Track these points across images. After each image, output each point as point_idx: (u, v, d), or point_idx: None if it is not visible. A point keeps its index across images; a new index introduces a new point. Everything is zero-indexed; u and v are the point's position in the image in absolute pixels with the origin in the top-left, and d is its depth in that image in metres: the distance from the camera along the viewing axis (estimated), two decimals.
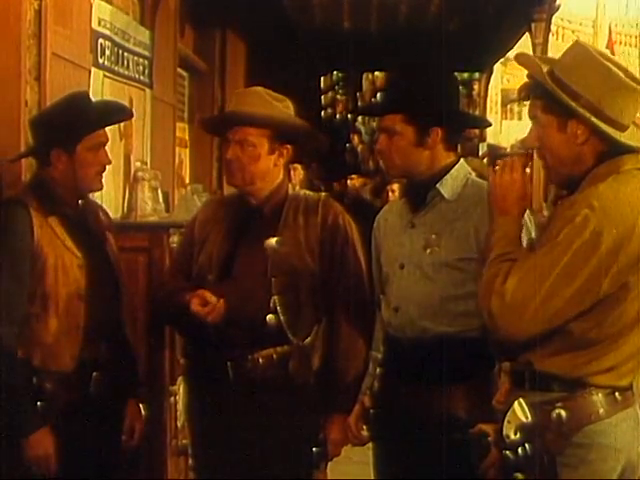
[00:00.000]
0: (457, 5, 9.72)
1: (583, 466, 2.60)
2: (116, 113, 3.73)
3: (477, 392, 3.11)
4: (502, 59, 15.76)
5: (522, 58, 2.87)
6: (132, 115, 3.99)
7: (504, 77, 20.98)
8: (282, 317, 3.35)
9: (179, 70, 7.06)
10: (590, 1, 20.79)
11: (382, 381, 3.29)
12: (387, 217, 3.38)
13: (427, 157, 3.19)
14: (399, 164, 3.22)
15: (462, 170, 3.23)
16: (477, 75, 15.42)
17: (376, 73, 16.92)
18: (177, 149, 6.97)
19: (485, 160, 13.10)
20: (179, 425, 4.39)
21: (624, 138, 2.65)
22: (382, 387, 3.28)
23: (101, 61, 4.91)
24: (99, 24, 4.88)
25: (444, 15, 9.64)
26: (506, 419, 2.64)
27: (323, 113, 15.66)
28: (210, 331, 3.33)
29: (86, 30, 4.69)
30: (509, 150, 15.81)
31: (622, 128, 2.66)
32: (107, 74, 5.00)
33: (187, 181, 7.37)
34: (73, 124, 3.36)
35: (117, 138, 5.09)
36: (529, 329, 2.56)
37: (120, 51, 5.24)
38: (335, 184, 11.39)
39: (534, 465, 2.61)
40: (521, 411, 2.62)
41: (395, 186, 8.46)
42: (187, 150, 7.55)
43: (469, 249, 3.10)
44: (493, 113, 19.42)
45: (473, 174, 3.29)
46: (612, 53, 12.23)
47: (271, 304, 3.35)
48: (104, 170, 3.46)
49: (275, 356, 3.38)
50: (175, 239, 4.28)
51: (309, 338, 3.41)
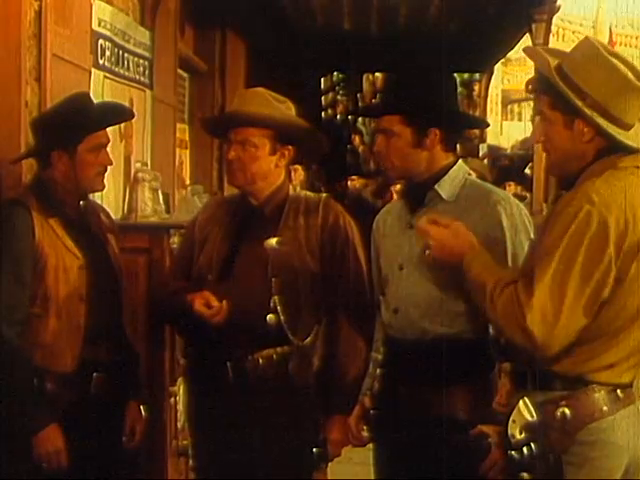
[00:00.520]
0: (457, 6, 9.71)
1: (588, 464, 2.60)
2: (117, 114, 3.73)
3: (477, 393, 3.11)
4: (502, 60, 15.78)
5: (531, 51, 2.86)
6: (133, 116, 3.98)
7: (504, 78, 21.00)
8: (282, 317, 3.35)
9: (179, 71, 7.05)
10: (590, 2, 20.78)
11: (382, 382, 3.28)
12: (386, 218, 3.38)
13: (425, 158, 3.19)
14: (397, 165, 3.22)
15: (461, 171, 3.23)
16: (477, 76, 15.44)
17: (376, 74, 16.93)
18: (177, 150, 6.97)
19: (485, 161, 13.12)
20: (179, 426, 4.39)
21: (627, 137, 2.66)
22: (382, 388, 3.28)
23: (101, 62, 4.91)
24: (99, 25, 4.87)
25: (444, 16, 9.63)
26: (511, 418, 2.64)
27: (323, 114, 15.66)
28: (210, 331, 3.33)
29: (86, 31, 4.69)
30: (509, 151, 15.86)
31: (626, 127, 2.67)
32: (107, 75, 5.00)
33: (187, 182, 7.36)
34: (74, 125, 3.36)
35: (117, 139, 5.09)
36: (563, 336, 2.55)
37: (120, 52, 5.24)
38: (336, 185, 11.38)
39: (540, 464, 2.62)
40: (527, 410, 2.62)
41: (399, 187, 8.45)
42: (187, 151, 7.54)
43: None
44: (493, 114, 19.42)
45: (473, 175, 3.29)
46: None
47: (271, 304, 3.36)
48: (105, 171, 3.47)
49: (275, 356, 3.38)
50: (175, 240, 4.28)
51: (309, 338, 3.41)
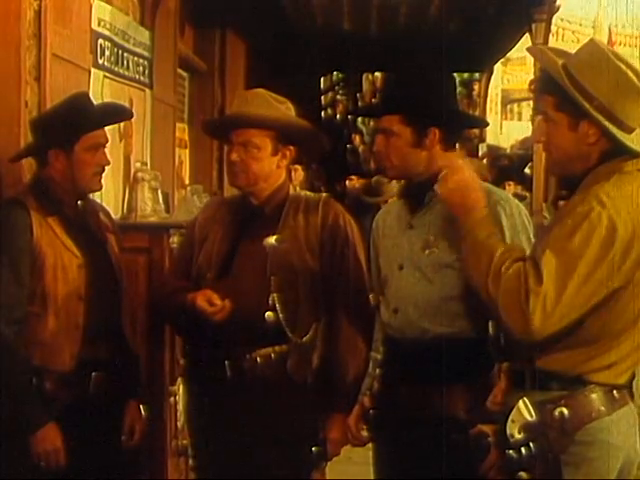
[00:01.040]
0: (457, 5, 9.71)
1: (585, 464, 2.61)
2: (114, 114, 3.73)
3: (476, 393, 3.10)
4: (502, 59, 15.77)
5: (536, 51, 2.85)
6: (132, 115, 3.98)
7: (504, 77, 20.98)
8: (281, 315, 3.35)
9: (179, 70, 7.05)
10: (590, 1, 20.77)
11: (382, 382, 3.28)
12: (385, 218, 3.38)
13: (425, 158, 3.19)
14: (397, 165, 3.22)
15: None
16: (477, 75, 15.44)
17: (376, 74, 16.92)
18: (177, 150, 6.97)
19: (485, 161, 13.12)
20: (179, 425, 4.39)
21: (630, 140, 2.67)
22: (382, 388, 3.28)
23: (101, 62, 4.91)
24: (99, 24, 4.87)
25: (444, 16, 9.63)
26: (510, 418, 2.64)
27: (323, 114, 15.66)
28: (208, 330, 3.33)
29: (86, 30, 4.69)
30: (509, 150, 15.86)
31: (629, 130, 2.68)
32: (107, 75, 5.00)
33: (187, 182, 7.36)
34: (70, 124, 3.37)
35: (117, 139, 5.09)
36: (553, 328, 2.55)
37: (120, 52, 5.24)
38: (336, 185, 11.38)
39: (538, 464, 2.62)
40: (526, 410, 2.62)
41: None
42: (187, 151, 7.54)
43: None
44: (493, 113, 19.41)
45: None
46: None
47: (270, 302, 3.36)
48: (103, 171, 3.46)
49: (273, 355, 3.38)
50: (175, 240, 4.28)
51: (308, 336, 3.41)
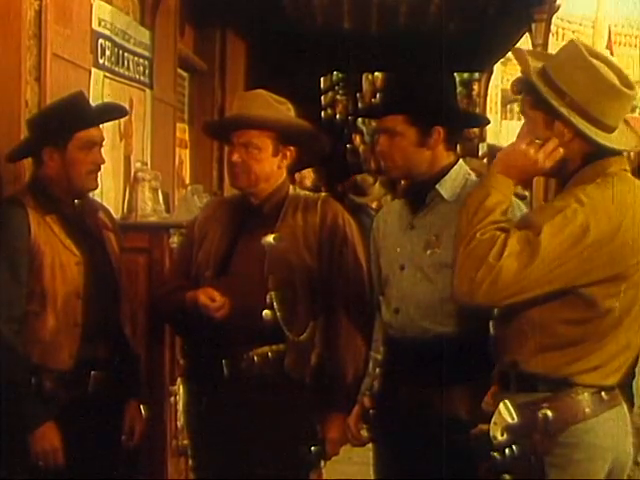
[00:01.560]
0: (457, 5, 9.71)
1: (571, 466, 2.60)
2: (108, 112, 3.73)
3: (477, 392, 3.10)
4: (502, 59, 15.76)
5: (516, 52, 2.88)
6: (126, 113, 3.97)
7: (504, 77, 20.97)
8: (278, 313, 3.36)
9: (179, 70, 7.05)
10: (590, 1, 20.78)
11: (382, 382, 3.28)
12: (386, 218, 3.38)
13: (428, 157, 3.19)
14: (401, 165, 3.22)
15: (461, 171, 3.23)
16: (477, 75, 15.41)
17: (376, 74, 16.90)
18: (177, 150, 6.96)
19: (485, 160, 13.11)
20: (179, 425, 4.39)
21: (609, 140, 2.65)
22: (382, 388, 3.28)
23: (101, 61, 4.91)
24: (99, 24, 4.87)
25: (444, 15, 9.63)
26: (492, 420, 2.64)
27: (323, 113, 15.65)
28: (207, 329, 3.33)
29: (86, 30, 4.69)
30: None
31: (608, 129, 2.66)
32: (107, 74, 5.00)
33: (187, 182, 7.35)
34: (63, 122, 3.37)
35: (117, 139, 5.09)
36: (499, 302, 2.57)
37: (120, 51, 5.24)
38: (336, 185, 11.37)
39: (522, 466, 2.61)
40: (507, 412, 2.61)
41: (377, 185, 8.44)
42: (187, 151, 7.53)
43: None
44: (493, 113, 19.42)
45: (472, 175, 3.29)
46: (612, 54, 12.21)
47: (267, 300, 3.36)
48: (98, 169, 3.45)
49: (270, 354, 3.38)
50: (175, 239, 4.28)
51: (305, 334, 3.41)
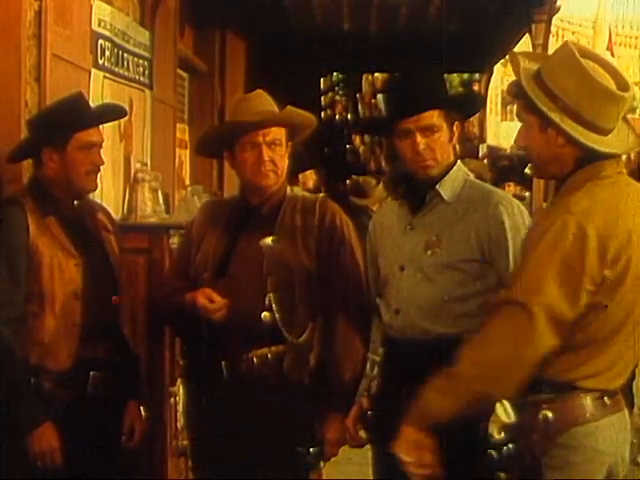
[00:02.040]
0: (457, 6, 9.71)
1: (568, 467, 2.60)
2: (107, 113, 3.72)
3: None
4: (502, 60, 15.76)
5: (511, 55, 2.88)
6: (125, 114, 3.97)
7: (504, 78, 20.96)
8: (277, 315, 3.35)
9: (179, 71, 7.05)
10: (590, 2, 20.78)
11: (382, 383, 3.27)
12: (382, 220, 3.37)
13: (452, 153, 3.20)
14: (441, 161, 3.18)
15: (460, 171, 3.23)
16: (477, 76, 15.42)
17: (376, 74, 16.91)
18: (177, 150, 6.96)
19: (485, 161, 13.12)
20: (179, 426, 4.39)
21: (603, 143, 2.61)
22: (382, 389, 3.26)
23: (101, 62, 4.91)
24: (99, 25, 4.87)
25: (444, 16, 9.63)
26: (491, 419, 2.63)
27: (323, 114, 15.66)
28: (206, 330, 3.34)
29: (86, 31, 4.69)
30: (509, 151, 15.85)
31: (603, 132, 2.63)
32: (107, 75, 5.00)
33: (187, 182, 7.35)
34: (62, 122, 3.36)
35: (117, 139, 5.09)
36: None
37: (120, 52, 5.24)
38: (336, 185, 11.38)
39: (517, 465, 2.61)
40: (503, 412, 2.60)
41: (380, 186, 8.44)
42: (187, 151, 7.53)
43: (471, 250, 3.10)
44: (493, 114, 19.43)
45: (471, 175, 3.29)
46: (612, 54, 12.19)
47: (266, 302, 3.36)
48: (97, 170, 3.44)
49: (270, 355, 3.37)
50: (175, 240, 4.28)
51: (304, 336, 3.40)
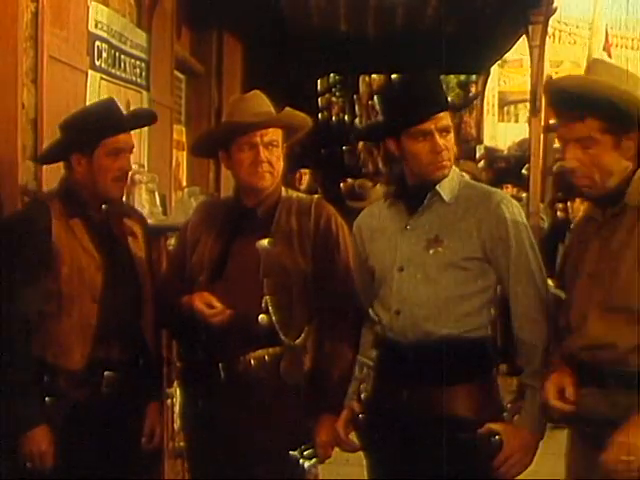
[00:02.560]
0: (454, 7, 9.72)
1: None
2: (137, 119, 3.77)
3: (481, 392, 3.11)
4: (499, 61, 15.76)
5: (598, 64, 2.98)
6: (155, 120, 3.97)
7: (501, 79, 21.01)
8: (274, 317, 3.34)
9: (176, 72, 7.05)
10: (587, 3, 20.79)
11: (378, 386, 3.25)
12: (370, 221, 3.35)
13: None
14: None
15: (456, 172, 3.24)
16: (474, 77, 15.43)
17: (373, 76, 16.91)
18: (174, 152, 6.96)
19: (482, 162, 13.13)
20: (176, 427, 4.39)
21: None
22: (378, 392, 3.24)
23: (98, 63, 4.91)
24: (96, 26, 4.87)
25: (443, 17, 9.63)
26: None
27: (320, 116, 15.66)
28: (202, 333, 3.33)
29: (83, 32, 4.68)
30: (506, 152, 15.86)
31: None
32: (104, 77, 5.00)
33: (184, 184, 7.35)
34: (90, 128, 3.40)
35: None
36: None
37: (117, 53, 5.24)
38: (332, 187, 11.39)
39: None
40: None
41: (377, 187, 8.44)
42: (184, 153, 7.52)
43: (473, 249, 3.11)
44: (490, 115, 19.45)
45: (465, 176, 3.30)
46: (609, 55, 12.22)
47: (263, 304, 3.35)
48: (125, 176, 3.47)
49: (267, 357, 3.37)
50: (172, 242, 4.28)
51: (300, 338, 3.40)
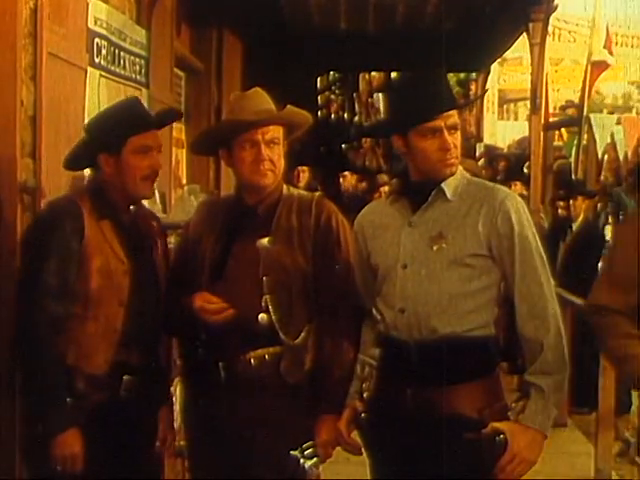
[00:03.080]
0: (454, 5, 9.72)
1: None
2: (164, 116, 3.69)
3: (486, 391, 3.09)
4: (499, 59, 15.76)
5: None
6: (180, 117, 3.89)
7: (500, 77, 21.00)
8: (274, 316, 3.32)
9: (176, 70, 7.04)
10: (587, 1, 20.76)
11: (381, 384, 3.23)
12: (372, 219, 3.33)
13: None
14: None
15: (460, 170, 3.23)
16: (474, 75, 15.44)
17: (373, 73, 16.92)
18: (174, 149, 6.95)
19: (482, 160, 13.12)
20: (176, 426, 4.37)
21: None
22: (384, 391, 3.21)
23: (97, 60, 4.89)
24: (95, 23, 4.86)
25: (444, 15, 9.63)
26: None
27: (319, 113, 15.66)
28: (202, 332, 3.32)
29: (82, 29, 4.67)
30: (506, 150, 15.86)
31: None
32: (103, 74, 4.98)
33: (184, 182, 7.35)
34: (117, 127, 3.35)
35: None
36: None
37: (116, 51, 5.22)
38: (332, 183, 11.40)
39: None
40: None
41: (387, 187, 8.45)
42: (184, 150, 7.52)
43: (479, 245, 3.10)
44: (490, 113, 19.44)
45: (467, 174, 3.28)
46: (610, 53, 12.18)
47: (263, 304, 3.34)
48: (154, 175, 3.39)
49: (267, 357, 3.35)
50: (172, 240, 4.26)
51: (301, 337, 3.38)
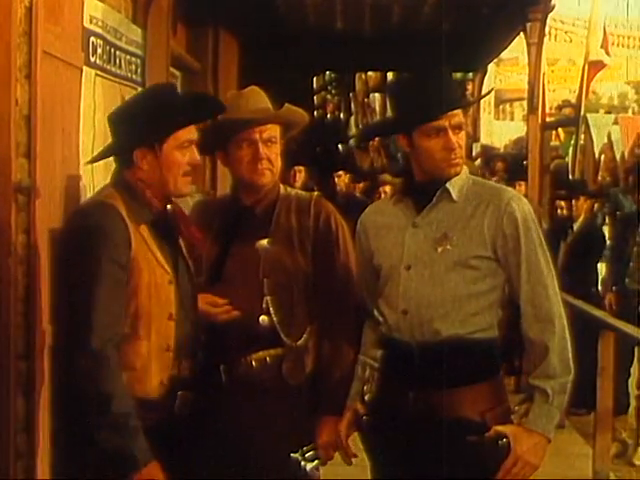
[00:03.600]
0: (451, 5, 9.71)
1: None
2: (207, 107, 3.33)
3: (489, 394, 3.08)
4: (496, 59, 15.77)
5: None
6: (224, 109, 3.53)
7: (497, 77, 21.02)
8: (275, 318, 3.32)
9: (172, 69, 7.02)
10: (584, 1, 20.79)
11: (385, 387, 3.21)
12: (375, 219, 3.32)
13: None
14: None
15: (465, 170, 3.21)
16: (471, 75, 15.43)
17: (369, 73, 16.91)
18: None
19: (479, 160, 13.12)
20: None
21: None
22: (386, 393, 3.20)
23: (93, 60, 4.86)
24: (91, 22, 4.82)
25: (442, 15, 9.62)
26: None
27: (315, 113, 15.67)
28: (204, 334, 3.29)
29: (77, 28, 4.64)
30: (502, 150, 15.86)
31: None
32: (99, 73, 4.95)
33: None
34: (159, 120, 3.05)
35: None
36: None
37: (112, 50, 5.19)
38: (328, 183, 11.39)
39: None
40: None
41: (387, 187, 8.45)
42: None
43: (484, 247, 3.08)
44: (486, 113, 19.47)
45: (472, 175, 3.27)
46: (607, 53, 12.21)
47: (264, 305, 3.32)
48: (193, 171, 3.13)
49: (268, 359, 3.34)
50: None
51: (302, 339, 3.37)
